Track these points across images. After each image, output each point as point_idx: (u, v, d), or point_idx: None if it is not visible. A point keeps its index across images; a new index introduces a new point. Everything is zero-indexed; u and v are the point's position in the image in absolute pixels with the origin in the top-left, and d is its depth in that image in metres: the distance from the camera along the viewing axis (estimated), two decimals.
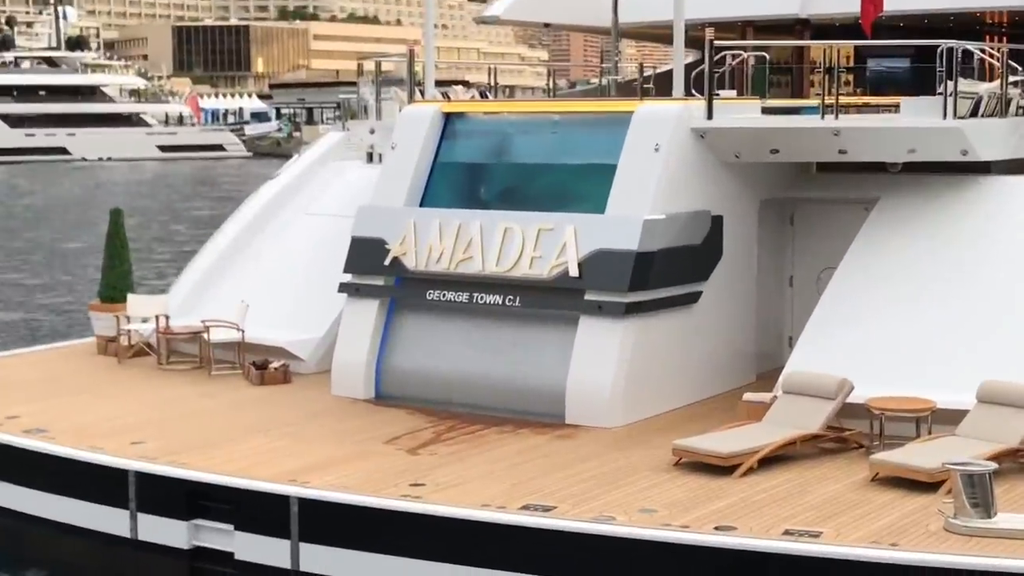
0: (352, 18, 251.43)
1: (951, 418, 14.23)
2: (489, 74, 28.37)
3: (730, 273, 17.45)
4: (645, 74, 23.84)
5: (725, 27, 24.11)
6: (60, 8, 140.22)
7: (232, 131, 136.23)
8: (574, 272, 16.21)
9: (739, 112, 17.66)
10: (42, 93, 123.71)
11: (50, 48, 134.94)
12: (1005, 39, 24.72)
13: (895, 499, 12.72)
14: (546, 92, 28.90)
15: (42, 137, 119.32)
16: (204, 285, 20.98)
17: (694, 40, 20.45)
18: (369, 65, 22.93)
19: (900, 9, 20.61)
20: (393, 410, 16.81)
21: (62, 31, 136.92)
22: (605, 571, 11.85)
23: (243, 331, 19.13)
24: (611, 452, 14.72)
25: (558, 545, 12.04)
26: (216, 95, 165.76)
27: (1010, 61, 17.77)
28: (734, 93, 20.29)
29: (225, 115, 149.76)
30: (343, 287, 18.03)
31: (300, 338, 19.09)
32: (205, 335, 19.28)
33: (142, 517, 13.97)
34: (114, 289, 21.25)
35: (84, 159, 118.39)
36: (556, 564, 12.00)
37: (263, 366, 18.54)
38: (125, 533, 14.07)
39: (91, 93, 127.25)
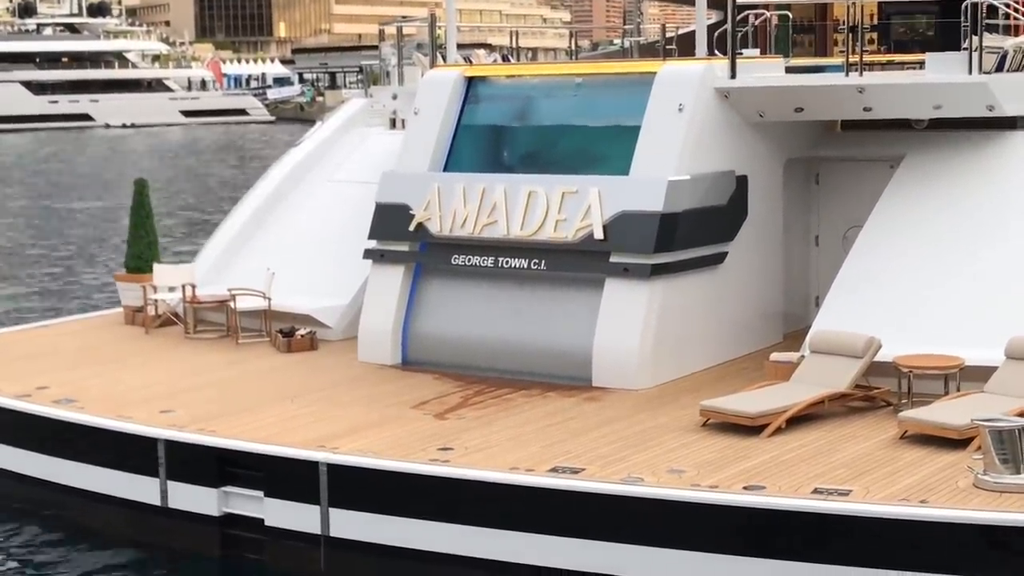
0: None
1: (980, 375, 14.22)
2: (511, 37, 28.33)
3: (756, 233, 17.45)
4: (668, 35, 23.77)
5: None
6: None
7: (255, 96, 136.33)
8: (599, 235, 16.22)
9: (762, 71, 17.61)
10: (64, 60, 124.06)
11: (72, 15, 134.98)
12: None
13: (924, 456, 12.74)
14: (568, 54, 28.85)
15: (65, 104, 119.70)
16: (230, 254, 21.07)
17: (717, 0, 20.32)
18: (391, 30, 22.88)
19: None
20: (420, 375, 16.89)
21: None
22: (634, 532, 11.91)
23: (269, 299, 19.20)
24: (638, 414, 14.78)
25: (587, 507, 12.12)
26: (238, 60, 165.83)
27: None
28: (757, 52, 20.24)
29: (248, 80, 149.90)
30: (368, 253, 18.08)
31: (326, 305, 19.16)
32: (232, 304, 19.35)
33: (172, 485, 14.10)
34: (140, 259, 21.35)
35: (107, 125, 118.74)
36: (585, 526, 12.07)
37: (290, 333, 18.63)
38: (156, 501, 14.20)
39: (113, 59, 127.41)
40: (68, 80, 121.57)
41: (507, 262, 16.90)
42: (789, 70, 18.42)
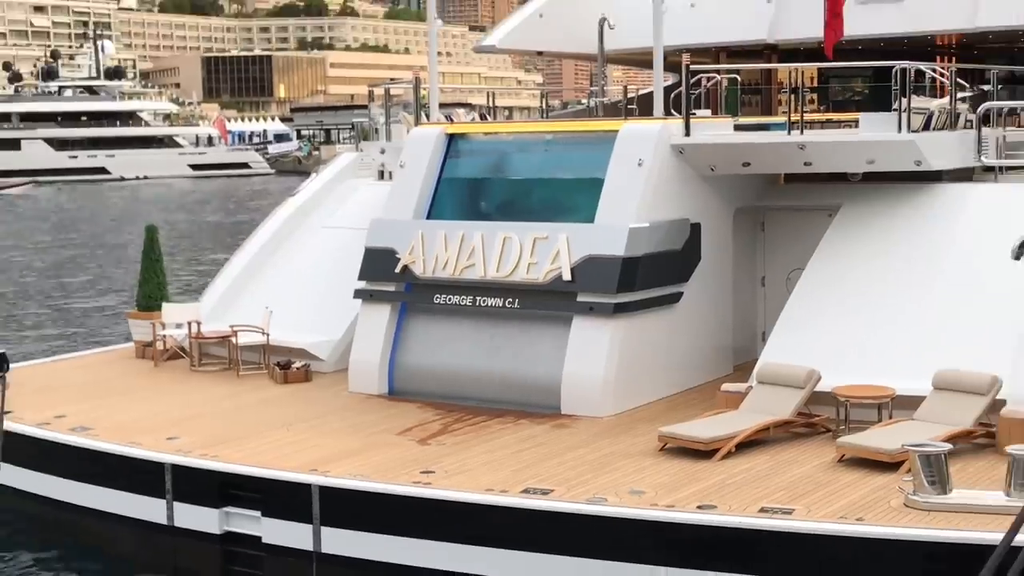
0: (365, 47, 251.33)
1: (909, 404, 14.24)
2: (488, 97, 28.43)
3: (708, 275, 17.46)
4: (629, 96, 23.86)
5: (700, 52, 24.19)
6: (99, 42, 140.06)
7: (256, 151, 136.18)
8: (567, 276, 16.23)
9: (714, 129, 17.68)
10: (84, 118, 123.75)
11: (91, 78, 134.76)
12: (954, 59, 24.71)
13: (860, 478, 12.71)
14: (540, 113, 28.94)
15: (84, 158, 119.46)
16: (232, 293, 21.00)
17: (673, 64, 20.47)
18: (379, 91, 22.94)
19: (858, 34, 20.63)
20: (405, 404, 16.81)
21: (101, 62, 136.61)
22: (598, 548, 11.86)
23: (267, 335, 19.14)
24: (602, 439, 14.73)
25: (556, 525, 12.07)
26: (242, 118, 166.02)
27: (958, 79, 17.79)
28: (709, 112, 20.31)
29: (250, 136, 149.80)
30: (358, 293, 18.05)
31: (319, 340, 19.10)
32: (233, 339, 19.30)
33: (178, 506, 13.99)
34: (150, 299, 21.29)
35: (122, 178, 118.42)
36: (554, 543, 12.01)
37: (286, 366, 18.56)
38: (162, 520, 14.10)
39: (128, 118, 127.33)
40: (87, 137, 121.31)
41: (484, 301, 16.88)
42: (738, 128, 18.48)
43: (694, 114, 17.51)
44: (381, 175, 21.76)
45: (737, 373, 17.42)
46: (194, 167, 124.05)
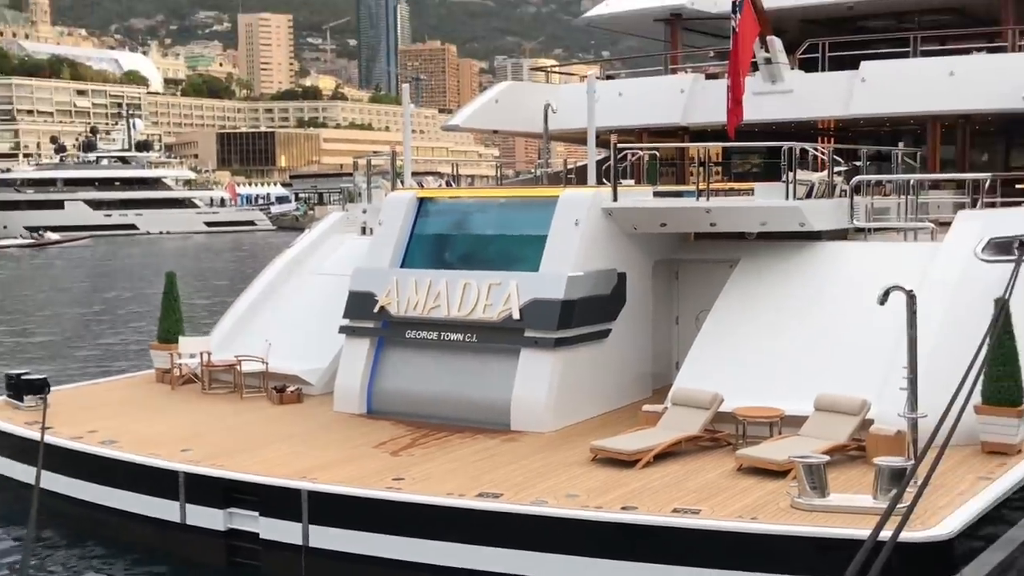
0: (353, 126, 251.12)
1: (795, 422, 14.28)
2: (452, 167, 28.49)
3: (632, 315, 17.48)
4: (568, 167, 23.95)
5: (626, 132, 24.32)
6: (131, 120, 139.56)
7: (261, 210, 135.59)
8: (516, 316, 16.20)
9: (636, 196, 17.76)
10: (117, 183, 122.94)
11: (123, 150, 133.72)
12: (832, 140, 25.05)
13: (755, 484, 12.71)
14: (496, 181, 29.01)
15: (116, 217, 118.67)
16: (237, 329, 20.79)
17: (604, 142, 20.57)
18: (362, 162, 22.90)
19: (755, 119, 20.87)
20: (381, 422, 16.65)
21: (133, 137, 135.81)
22: (540, 543, 11.78)
23: (267, 363, 18.96)
24: (545, 451, 14.65)
25: (505, 524, 11.97)
26: (249, 183, 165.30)
27: (835, 157, 17.99)
28: (633, 182, 20.43)
29: (256, 199, 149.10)
30: (343, 329, 17.92)
31: (310, 368, 18.93)
32: (238, 367, 19.11)
33: (189, 507, 13.77)
34: (169, 333, 21.01)
35: (148, 233, 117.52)
36: (504, 538, 11.91)
37: (282, 390, 18.37)
38: (176, 519, 13.87)
39: (154, 183, 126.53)
40: (119, 199, 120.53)
41: (447, 336, 16.81)
42: (656, 195, 18.59)
43: (621, 183, 17.59)
44: (363, 231, 21.67)
45: (655, 396, 17.39)
46: (208, 224, 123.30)
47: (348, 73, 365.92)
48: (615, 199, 16.99)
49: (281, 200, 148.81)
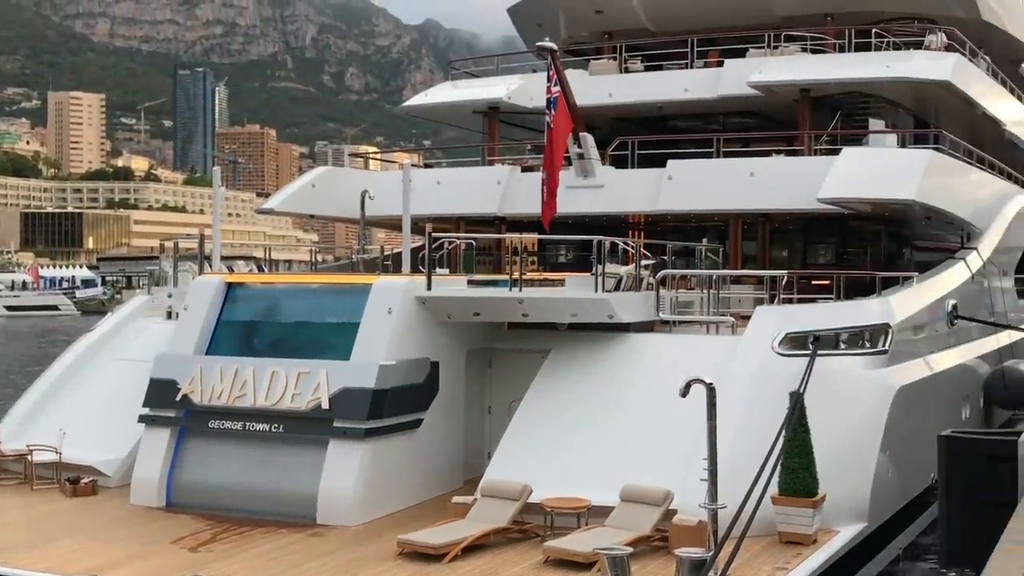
0: (165, 208, 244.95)
1: (603, 512, 14.40)
2: (265, 251, 28.10)
3: (444, 404, 17.42)
4: (385, 254, 23.95)
5: (444, 221, 24.57)
6: None
7: (65, 294, 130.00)
8: (325, 405, 15.94)
9: (451, 285, 17.86)
10: None
11: None
12: (641, 235, 25.89)
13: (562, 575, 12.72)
14: (312, 266, 28.76)
15: None
16: (30, 416, 19.69)
17: (421, 230, 20.72)
18: (169, 244, 22.33)
19: (568, 211, 21.41)
20: (180, 516, 16.00)
21: None
22: None
23: (60, 453, 18.01)
24: (351, 545, 14.34)
25: None
26: (54, 266, 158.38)
27: (643, 251, 18.56)
28: (447, 270, 20.55)
29: (60, 281, 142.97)
30: (142, 418, 17.24)
31: (106, 458, 18.05)
32: (29, 457, 18.08)
33: None
34: None
35: None
36: None
37: (76, 481, 17.45)
38: None
39: None
40: None
41: (253, 426, 16.38)
42: (471, 283, 18.72)
43: (436, 272, 17.68)
44: (169, 315, 21.02)
45: (467, 486, 17.28)
46: (9, 308, 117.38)
47: (163, 154, 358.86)
48: (429, 287, 17.04)
49: (87, 284, 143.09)
